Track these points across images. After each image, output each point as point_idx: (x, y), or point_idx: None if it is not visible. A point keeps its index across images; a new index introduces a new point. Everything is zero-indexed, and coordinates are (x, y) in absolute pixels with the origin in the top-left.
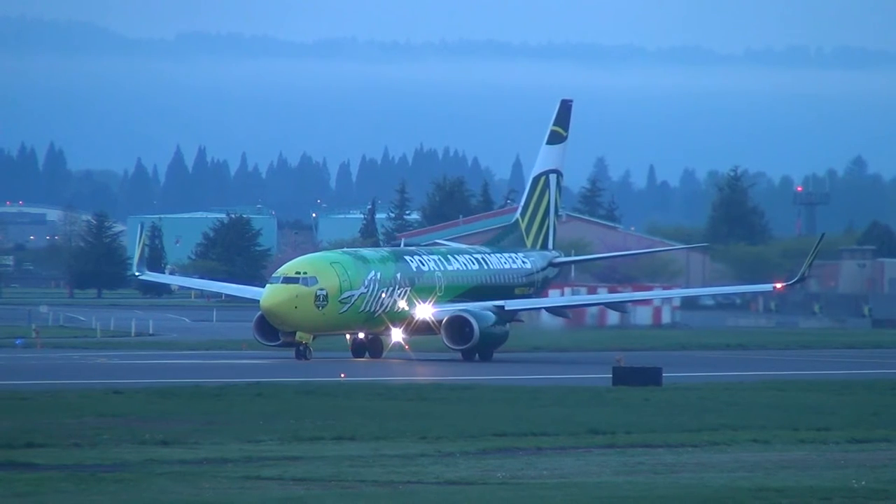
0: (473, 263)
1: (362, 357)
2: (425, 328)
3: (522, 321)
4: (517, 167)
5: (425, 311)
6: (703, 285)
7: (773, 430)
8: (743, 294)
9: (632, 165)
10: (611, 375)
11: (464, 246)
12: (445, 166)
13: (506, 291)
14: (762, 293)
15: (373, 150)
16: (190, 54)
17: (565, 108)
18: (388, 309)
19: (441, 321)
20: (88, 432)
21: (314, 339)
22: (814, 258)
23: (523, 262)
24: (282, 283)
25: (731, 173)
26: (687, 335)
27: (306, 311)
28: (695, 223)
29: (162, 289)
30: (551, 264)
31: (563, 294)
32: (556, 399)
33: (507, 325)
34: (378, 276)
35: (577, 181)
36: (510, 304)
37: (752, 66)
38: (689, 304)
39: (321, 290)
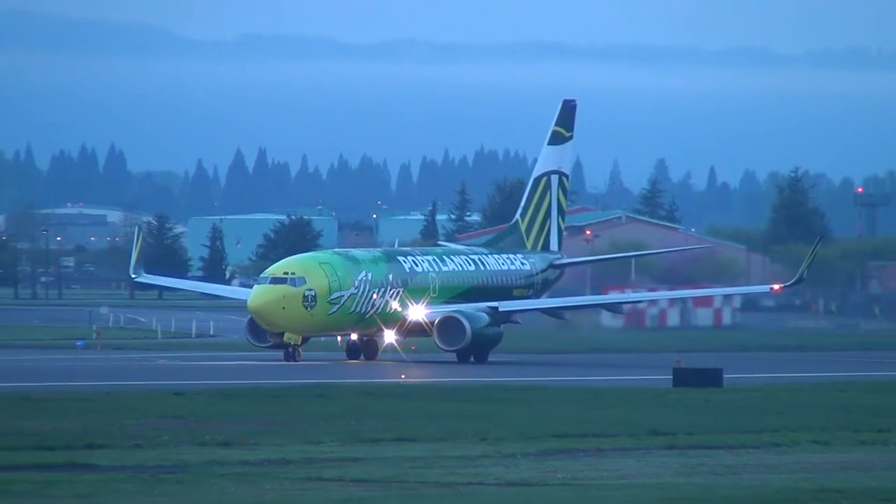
0: (470, 264)
1: (357, 359)
2: (418, 329)
3: (519, 322)
4: (577, 168)
5: (418, 312)
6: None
7: (833, 432)
8: (744, 294)
9: (692, 167)
10: (671, 377)
11: (461, 247)
12: (506, 167)
13: (503, 293)
14: (823, 297)
15: (433, 152)
16: (251, 56)
17: (568, 108)
18: (379, 310)
19: (434, 322)
20: (150, 433)
21: (306, 340)
22: (812, 259)
23: (522, 263)
24: (269, 283)
25: (792, 174)
26: (747, 336)
27: (294, 311)
28: (755, 224)
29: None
30: (552, 266)
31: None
32: (616, 400)
33: (501, 326)
34: (369, 277)
35: (637, 182)
36: (504, 306)
37: (812, 67)
38: (748, 305)
39: (309, 290)
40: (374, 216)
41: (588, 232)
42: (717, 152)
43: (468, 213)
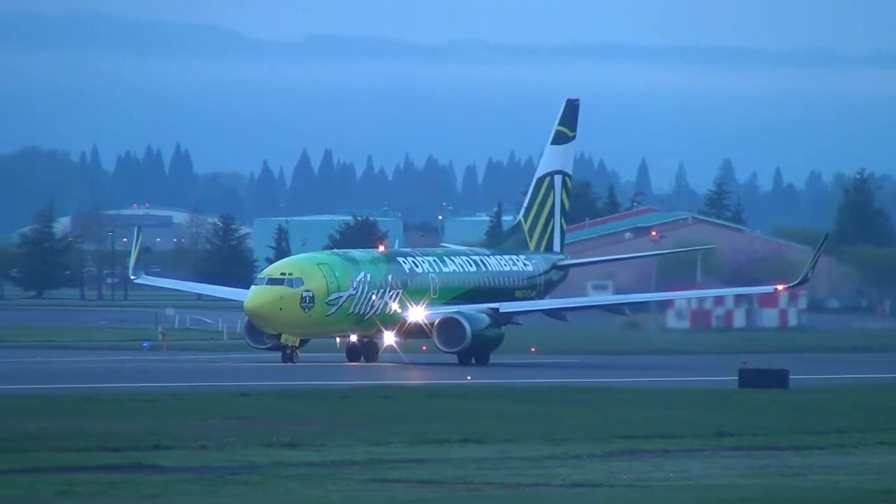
0: (471, 265)
1: (357, 361)
2: (418, 331)
3: (520, 324)
4: (643, 170)
5: (418, 313)
6: (829, 288)
7: None
8: (750, 295)
9: (758, 168)
10: (737, 378)
11: (462, 248)
12: (572, 169)
13: (505, 294)
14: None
15: (499, 153)
16: (317, 57)
17: (571, 107)
18: (379, 311)
19: (433, 323)
20: (215, 434)
21: (305, 342)
22: (817, 259)
23: (524, 264)
24: (266, 284)
25: (857, 176)
26: (813, 338)
27: (291, 312)
28: (821, 226)
29: None
30: (555, 267)
31: (689, 299)
32: (683, 401)
33: (502, 327)
34: (368, 278)
35: (703, 183)
36: (504, 307)
37: (877, 69)
38: (814, 306)
39: (307, 291)
40: (440, 217)
41: (654, 233)
42: (783, 153)
43: None
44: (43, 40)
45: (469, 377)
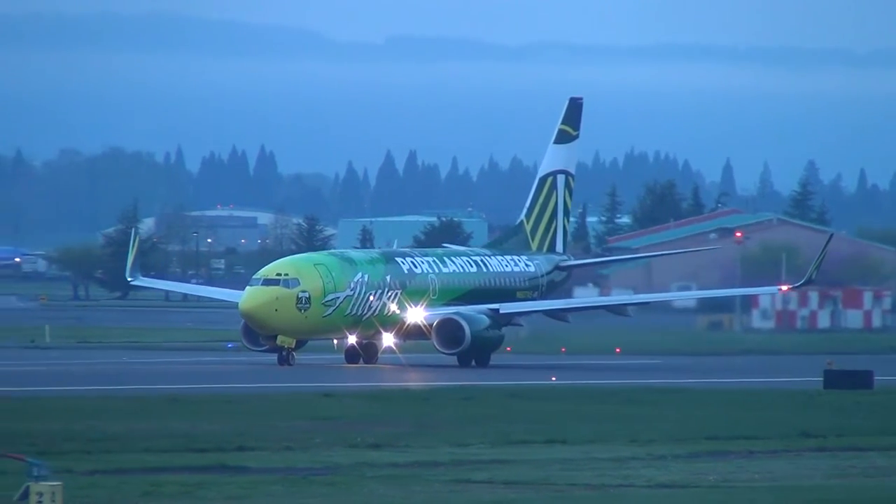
0: (471, 266)
1: (356, 363)
2: (417, 332)
3: (521, 325)
4: (727, 170)
5: (417, 314)
6: None
7: None
8: (751, 295)
9: (843, 169)
10: (822, 379)
11: (462, 248)
12: (656, 170)
13: (507, 295)
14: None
15: (584, 154)
16: (400, 58)
17: (575, 106)
18: (377, 312)
19: (432, 324)
20: (300, 435)
21: (303, 343)
22: (821, 260)
23: (526, 265)
24: (262, 285)
25: None
26: None
27: (287, 313)
28: None
29: None
30: (558, 268)
31: (773, 299)
32: (767, 402)
33: (502, 329)
34: (366, 279)
35: (787, 184)
36: (505, 308)
37: None
38: None
39: (303, 292)
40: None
41: (739, 234)
42: (867, 154)
43: (618, 216)
44: (128, 41)
45: (553, 377)
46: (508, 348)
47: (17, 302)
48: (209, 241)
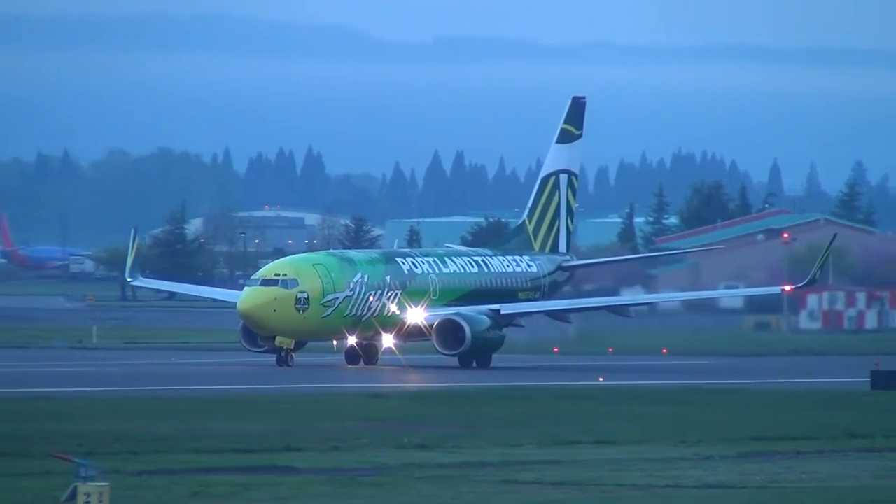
0: (472, 266)
1: (356, 364)
2: (418, 333)
3: (523, 326)
4: (775, 171)
5: (417, 314)
6: None
7: None
8: (754, 296)
9: (890, 169)
10: (869, 379)
11: (464, 248)
12: (703, 170)
13: (508, 295)
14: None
15: (630, 155)
16: (448, 58)
17: (577, 105)
18: (376, 313)
19: (433, 325)
20: (348, 436)
21: (303, 345)
22: (825, 260)
23: (528, 265)
24: (260, 285)
25: None
26: None
27: (286, 314)
28: None
29: None
30: (560, 268)
31: (821, 299)
32: (814, 403)
33: (503, 329)
34: (365, 279)
35: (835, 185)
36: (506, 308)
37: None
38: None
39: (302, 292)
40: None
41: (786, 235)
42: None
43: (666, 216)
44: (175, 42)
45: (601, 378)
46: (556, 349)
47: (65, 302)
48: (256, 241)
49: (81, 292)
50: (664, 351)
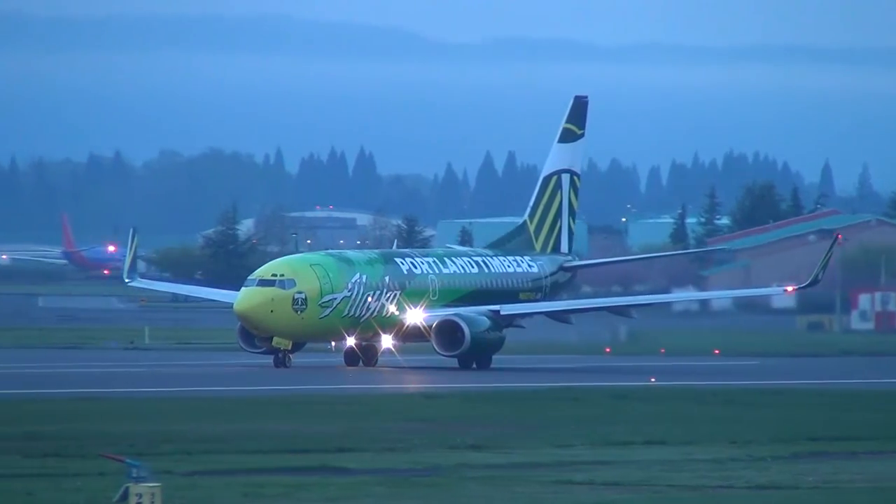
0: (472, 266)
1: (355, 365)
2: (417, 334)
3: (524, 327)
4: (826, 171)
5: (416, 315)
6: None
7: None
8: (758, 297)
9: None
10: None
11: (464, 248)
12: (755, 171)
13: (509, 296)
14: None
15: (683, 155)
16: (501, 59)
17: (580, 104)
18: (375, 313)
19: (432, 326)
20: (401, 436)
21: (302, 346)
22: (827, 261)
23: (529, 265)
24: (257, 285)
25: None
26: None
27: (283, 315)
28: None
29: None
30: (562, 268)
31: (873, 300)
32: (868, 403)
33: (503, 330)
34: (364, 279)
35: (887, 185)
36: (506, 309)
37: None
38: None
39: (299, 293)
40: (623, 220)
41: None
42: None
43: (718, 217)
44: (227, 43)
45: (652, 378)
46: (608, 349)
47: (118, 303)
48: (308, 241)
49: (134, 293)
50: (716, 352)
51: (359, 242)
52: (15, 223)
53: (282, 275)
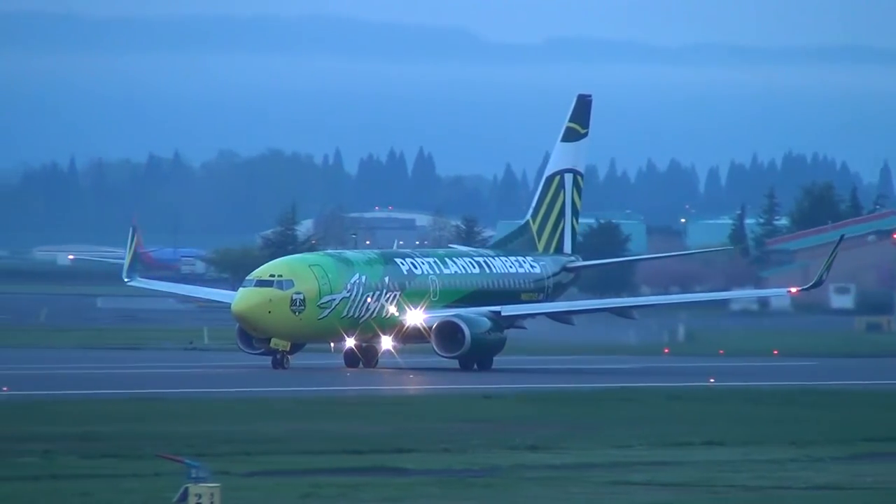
0: (474, 267)
1: (356, 367)
2: (417, 335)
3: (525, 328)
4: (885, 172)
5: (416, 316)
6: None
7: None
8: (761, 297)
9: None
10: None
11: (466, 248)
12: (814, 171)
13: (511, 297)
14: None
15: (741, 155)
16: (558, 60)
17: (583, 103)
18: (374, 314)
19: (432, 327)
20: (458, 437)
21: (301, 347)
22: (832, 261)
23: (532, 266)
24: (255, 286)
25: None
26: None
27: (281, 316)
28: None
29: None
30: (565, 269)
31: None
32: None
33: (504, 331)
34: (363, 280)
35: None
36: (507, 310)
37: None
38: None
39: (297, 293)
40: (683, 220)
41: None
42: None
43: (777, 218)
44: (284, 43)
45: (712, 379)
46: (666, 350)
47: (176, 304)
48: (367, 242)
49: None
50: (775, 352)
51: (417, 243)
52: (75, 224)
53: (280, 275)
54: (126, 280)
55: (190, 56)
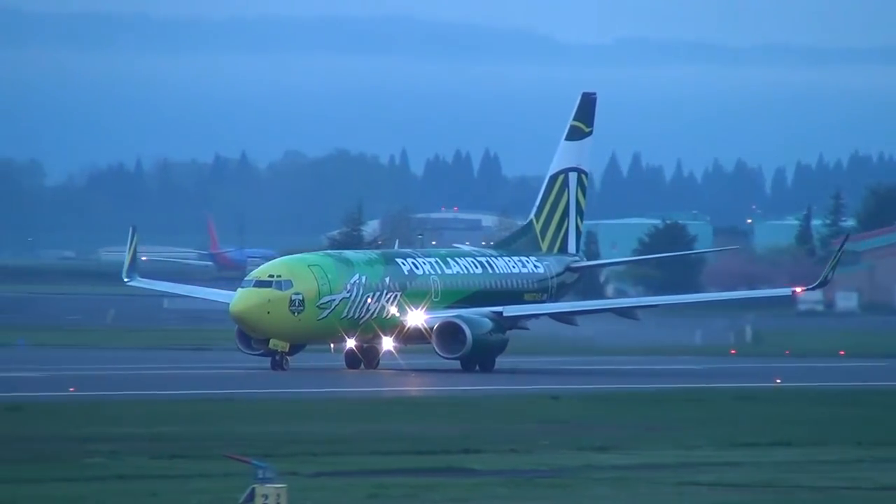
0: (476, 267)
1: (357, 368)
2: (418, 336)
3: (528, 328)
4: None
5: (417, 317)
6: None
7: None
8: (765, 298)
9: None
10: None
11: (469, 248)
12: (880, 171)
13: (514, 297)
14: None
15: (808, 156)
16: (627, 60)
17: (588, 101)
18: (375, 315)
19: (433, 328)
20: (526, 438)
21: (300, 348)
22: (837, 261)
23: (535, 266)
24: (253, 286)
25: None
26: None
27: (280, 316)
28: None
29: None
30: (569, 269)
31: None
32: None
33: (506, 332)
34: (363, 280)
35: None
36: (509, 311)
37: None
38: None
39: (296, 294)
40: (749, 221)
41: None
42: None
43: (843, 218)
44: (351, 44)
45: (778, 380)
46: (733, 351)
47: None
48: (433, 243)
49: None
50: (841, 353)
51: (483, 243)
52: (141, 224)
53: (279, 276)
54: (126, 280)
55: (257, 57)
